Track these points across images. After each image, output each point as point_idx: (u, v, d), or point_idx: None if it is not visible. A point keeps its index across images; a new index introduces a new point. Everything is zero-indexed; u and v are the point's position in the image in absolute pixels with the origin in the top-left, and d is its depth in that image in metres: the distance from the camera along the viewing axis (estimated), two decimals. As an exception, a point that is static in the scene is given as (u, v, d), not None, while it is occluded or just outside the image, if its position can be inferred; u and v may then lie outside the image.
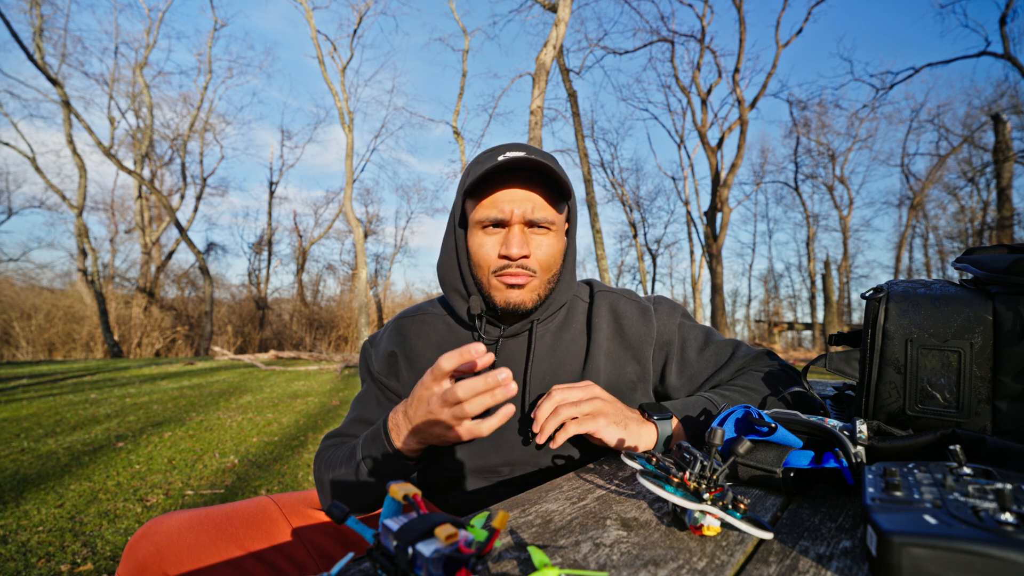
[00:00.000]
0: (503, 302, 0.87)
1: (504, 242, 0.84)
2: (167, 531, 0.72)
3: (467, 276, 0.90)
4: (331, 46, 18.22)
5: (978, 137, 17.20)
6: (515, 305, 0.86)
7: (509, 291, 0.86)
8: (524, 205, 0.83)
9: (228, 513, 0.78)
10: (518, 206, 0.83)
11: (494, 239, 0.85)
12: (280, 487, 2.97)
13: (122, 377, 7.98)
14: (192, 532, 0.72)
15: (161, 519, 0.75)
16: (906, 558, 0.34)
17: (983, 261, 0.70)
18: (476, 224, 0.86)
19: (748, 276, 31.28)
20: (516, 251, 0.83)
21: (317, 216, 25.17)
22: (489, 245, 0.85)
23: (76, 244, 15.82)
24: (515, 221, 0.84)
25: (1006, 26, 13.43)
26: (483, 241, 0.86)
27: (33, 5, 14.36)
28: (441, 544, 0.33)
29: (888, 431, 0.66)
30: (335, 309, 22.35)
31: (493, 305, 0.88)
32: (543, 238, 0.86)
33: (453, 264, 0.92)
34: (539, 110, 8.72)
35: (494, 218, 0.84)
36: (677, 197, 28.25)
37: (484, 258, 0.86)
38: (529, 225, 0.85)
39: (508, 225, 0.84)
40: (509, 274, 0.85)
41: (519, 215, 0.83)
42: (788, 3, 15.75)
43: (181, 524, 0.73)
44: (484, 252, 0.86)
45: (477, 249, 0.86)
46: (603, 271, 13.94)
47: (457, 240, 0.91)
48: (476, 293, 0.89)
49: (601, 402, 0.76)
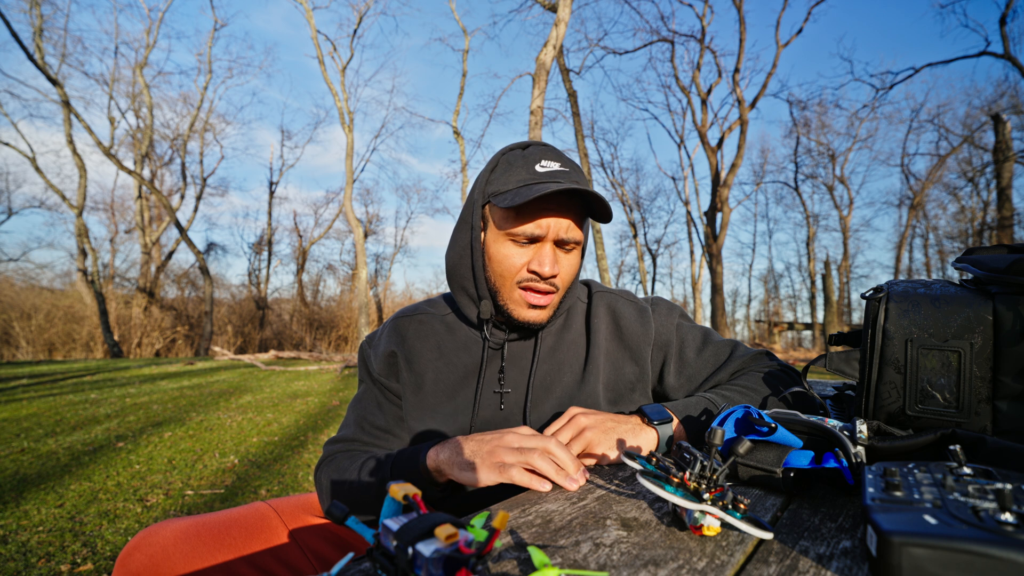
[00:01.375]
0: (521, 318, 0.86)
1: (536, 259, 0.83)
2: (162, 542, 0.70)
3: (480, 279, 0.87)
4: (331, 46, 18.24)
5: (978, 137, 17.22)
6: (533, 323, 0.86)
7: (530, 311, 0.85)
8: (560, 224, 0.82)
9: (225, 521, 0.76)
10: (555, 225, 0.82)
11: (523, 251, 0.84)
12: (280, 487, 2.97)
13: (122, 377, 7.98)
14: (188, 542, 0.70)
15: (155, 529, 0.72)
16: (906, 558, 0.34)
17: (983, 261, 0.70)
18: (505, 234, 0.84)
19: (748, 276, 31.31)
20: (548, 270, 0.82)
21: (317, 216, 25.22)
22: (517, 256, 0.84)
23: (76, 244, 15.83)
24: (549, 239, 0.83)
25: (1006, 26, 13.43)
26: (511, 252, 0.84)
27: (33, 5, 14.36)
28: (441, 544, 0.33)
29: (888, 431, 0.66)
30: (335, 309, 22.36)
31: (505, 313, 0.87)
32: (569, 256, 0.86)
33: (466, 264, 0.89)
34: (539, 110, 8.72)
35: (532, 234, 0.82)
36: (677, 197, 28.34)
37: (510, 268, 0.84)
38: (560, 243, 0.84)
39: (541, 241, 0.83)
40: (535, 290, 0.84)
41: (554, 233, 0.82)
42: (788, 3, 15.74)
43: (176, 534, 0.71)
44: (511, 263, 0.84)
45: (503, 259, 0.84)
46: (603, 271, 13.94)
47: (473, 241, 0.87)
48: (487, 298, 0.88)
49: (590, 432, 0.73)
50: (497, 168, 0.86)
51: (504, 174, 0.85)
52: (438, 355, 0.93)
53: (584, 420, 0.75)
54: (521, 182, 0.82)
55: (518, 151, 0.87)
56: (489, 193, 0.85)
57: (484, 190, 0.86)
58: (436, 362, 0.92)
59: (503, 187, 0.83)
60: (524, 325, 0.86)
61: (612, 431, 0.74)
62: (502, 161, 0.87)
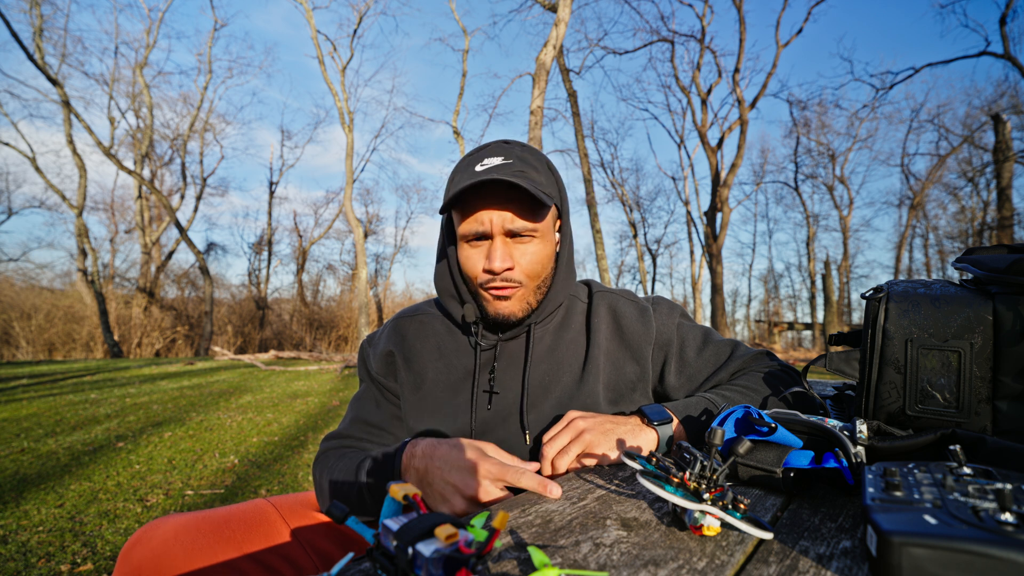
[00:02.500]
0: (493, 313, 0.87)
1: (487, 256, 0.84)
2: (163, 536, 0.70)
3: (459, 284, 0.90)
4: (331, 46, 18.22)
5: (978, 137, 17.22)
6: (505, 316, 0.87)
7: (497, 303, 0.86)
8: (503, 216, 0.82)
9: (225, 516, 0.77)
10: (496, 218, 0.82)
11: (479, 252, 0.85)
12: (280, 487, 2.97)
13: (122, 377, 7.98)
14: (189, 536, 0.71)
15: (156, 524, 0.73)
16: (906, 558, 0.34)
17: (983, 261, 0.70)
18: (461, 237, 0.86)
19: (748, 276, 31.30)
20: (499, 265, 0.82)
21: (317, 216, 25.22)
22: (475, 258, 0.85)
23: (76, 244, 15.83)
24: (496, 233, 0.83)
25: (1006, 26, 13.43)
26: (469, 254, 0.86)
27: (33, 5, 14.36)
28: (441, 544, 0.33)
29: (888, 431, 0.66)
30: (335, 309, 22.36)
31: (486, 314, 0.89)
32: (527, 246, 0.85)
33: (445, 272, 0.92)
34: (539, 110, 8.72)
35: (476, 232, 0.83)
36: (677, 197, 28.30)
37: (471, 271, 0.86)
38: (511, 235, 0.84)
39: (491, 237, 0.84)
40: (494, 288, 0.85)
41: (499, 226, 0.82)
42: (788, 3, 15.75)
43: (177, 529, 0.71)
44: (471, 265, 0.86)
45: (464, 262, 0.87)
46: (603, 271, 13.94)
47: (448, 248, 0.91)
48: (471, 301, 0.90)
49: (588, 434, 0.73)
50: (452, 177, 0.88)
51: (452, 179, 0.87)
52: (438, 355, 0.93)
53: (583, 423, 0.75)
54: (457, 185, 0.82)
55: (472, 155, 0.88)
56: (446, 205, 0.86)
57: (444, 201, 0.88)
58: (436, 362, 0.93)
59: (448, 193, 0.85)
60: (500, 320, 0.87)
61: (611, 432, 0.74)
62: (456, 169, 0.89)
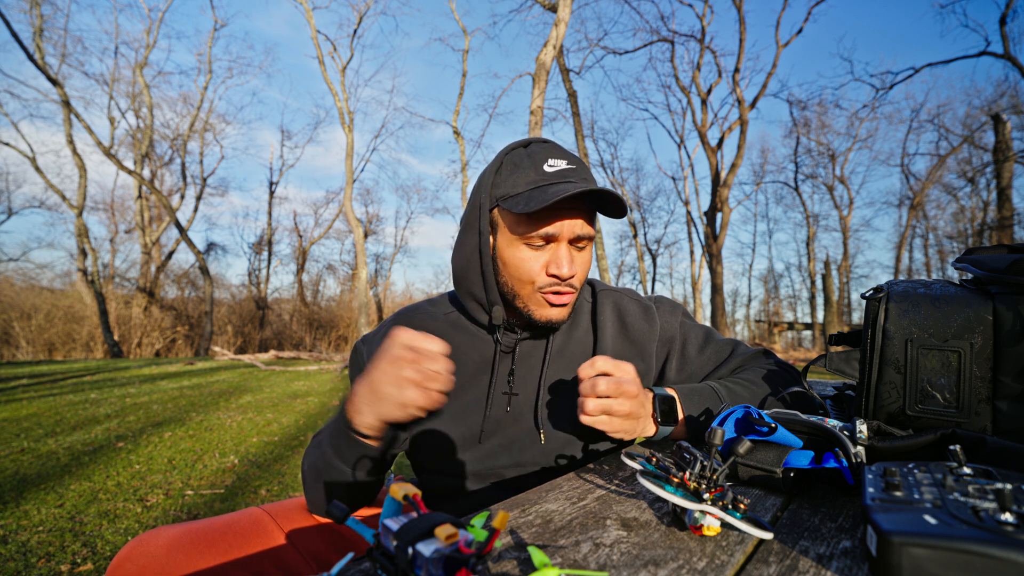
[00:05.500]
0: (543, 318, 0.85)
1: (553, 260, 0.81)
2: (154, 552, 0.68)
3: (491, 284, 0.85)
4: (331, 46, 18.23)
5: (978, 137, 17.22)
6: (556, 321, 0.85)
7: (552, 309, 0.84)
8: (575, 223, 0.81)
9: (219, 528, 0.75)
10: (569, 223, 0.81)
11: (539, 254, 0.82)
12: (280, 487, 2.97)
13: (122, 377, 7.98)
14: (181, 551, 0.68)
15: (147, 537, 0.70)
16: (906, 558, 0.34)
17: (983, 261, 0.70)
18: (518, 238, 0.82)
19: (748, 276, 31.32)
20: (567, 271, 0.81)
21: (317, 216, 25.22)
22: (534, 260, 0.82)
23: (76, 244, 15.83)
24: (564, 238, 0.81)
25: (1006, 26, 13.43)
26: (527, 256, 0.82)
27: (33, 5, 14.36)
28: (441, 544, 0.33)
29: (888, 431, 0.66)
30: (335, 309, 22.37)
31: (527, 317, 0.86)
32: (583, 253, 0.85)
33: (475, 270, 0.86)
34: (539, 110, 8.72)
35: (547, 234, 0.80)
36: (677, 197, 28.37)
37: (528, 273, 0.82)
38: (572, 241, 0.83)
39: (556, 241, 0.82)
40: (554, 293, 0.83)
41: (569, 232, 0.81)
42: (788, 3, 15.74)
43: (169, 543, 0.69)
44: (528, 267, 0.82)
45: (519, 263, 0.82)
46: (603, 271, 13.94)
47: (482, 246, 0.84)
48: (499, 303, 0.86)
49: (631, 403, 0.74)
50: (502, 170, 0.84)
51: (511, 176, 0.83)
52: None
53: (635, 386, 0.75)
54: (531, 184, 0.80)
55: (521, 150, 0.85)
56: (497, 196, 0.83)
57: (491, 193, 0.84)
58: None
59: (512, 190, 0.81)
60: (545, 325, 0.85)
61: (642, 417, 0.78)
62: (506, 162, 0.85)
